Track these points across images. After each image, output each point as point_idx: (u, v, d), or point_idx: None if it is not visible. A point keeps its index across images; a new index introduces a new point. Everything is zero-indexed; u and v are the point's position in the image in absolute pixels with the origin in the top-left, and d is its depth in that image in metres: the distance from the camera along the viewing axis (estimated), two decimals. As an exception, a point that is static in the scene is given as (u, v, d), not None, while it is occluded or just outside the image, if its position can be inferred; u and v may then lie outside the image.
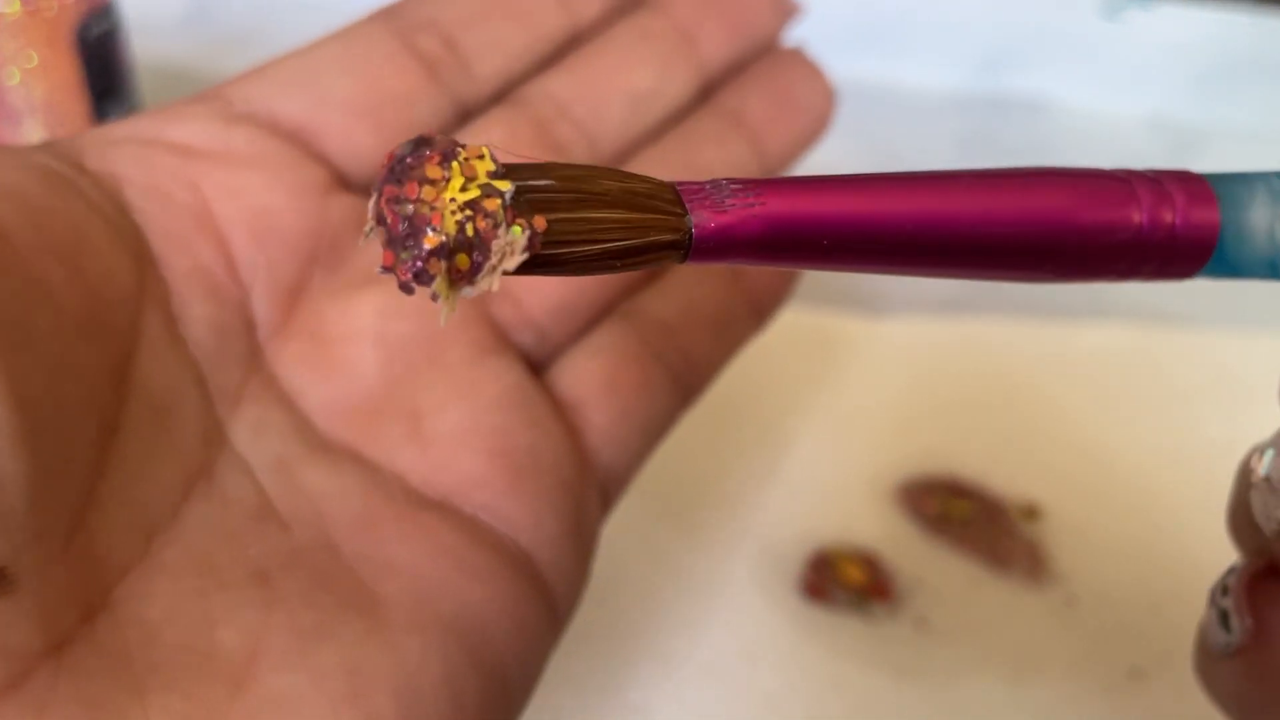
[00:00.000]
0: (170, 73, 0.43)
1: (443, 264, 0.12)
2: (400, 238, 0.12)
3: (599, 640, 0.28)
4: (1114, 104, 0.50)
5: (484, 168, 0.12)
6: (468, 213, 0.12)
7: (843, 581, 0.30)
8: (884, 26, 0.51)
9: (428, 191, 0.12)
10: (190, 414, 0.18)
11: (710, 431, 0.33)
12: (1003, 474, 0.33)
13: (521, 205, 0.12)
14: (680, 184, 0.13)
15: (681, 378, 0.23)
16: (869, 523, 0.31)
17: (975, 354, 0.36)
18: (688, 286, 0.24)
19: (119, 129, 0.19)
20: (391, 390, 0.20)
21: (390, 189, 0.12)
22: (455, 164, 0.12)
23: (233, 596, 0.16)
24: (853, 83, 0.50)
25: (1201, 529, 0.18)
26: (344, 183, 0.21)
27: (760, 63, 0.26)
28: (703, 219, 0.13)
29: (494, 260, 0.12)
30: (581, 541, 0.20)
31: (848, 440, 0.34)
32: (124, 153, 0.19)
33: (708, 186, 0.13)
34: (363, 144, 0.21)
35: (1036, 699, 0.28)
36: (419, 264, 0.12)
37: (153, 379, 0.17)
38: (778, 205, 0.13)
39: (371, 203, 0.12)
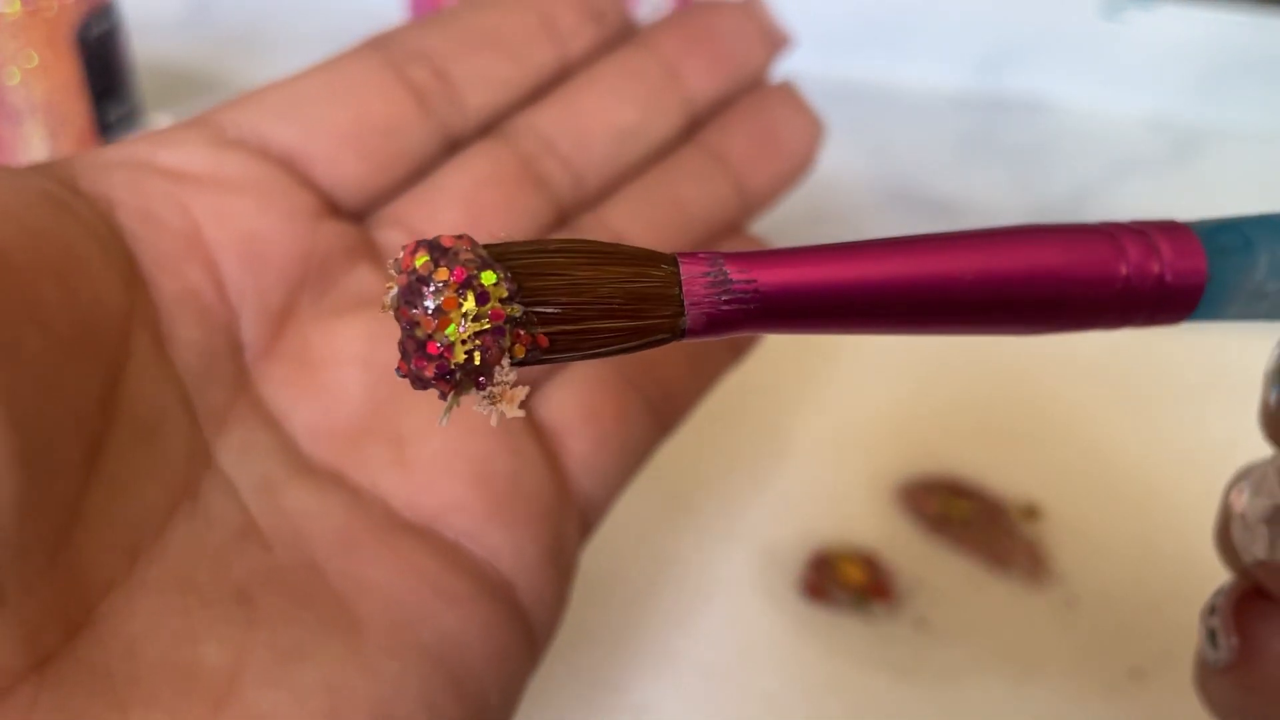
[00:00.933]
0: (170, 73, 0.43)
1: (450, 388, 0.13)
2: (413, 355, 0.13)
3: (600, 640, 0.28)
4: (1114, 104, 0.50)
5: (498, 294, 0.13)
6: (477, 342, 0.13)
7: (843, 581, 0.30)
8: (884, 26, 0.51)
9: (441, 322, 0.13)
10: (176, 434, 0.18)
11: (711, 432, 0.33)
12: (1003, 474, 0.33)
13: (528, 321, 0.13)
14: (684, 265, 0.14)
15: (659, 408, 0.23)
16: (869, 523, 0.31)
17: (975, 354, 0.36)
18: None
19: (112, 152, 0.19)
20: (376, 414, 0.20)
21: (407, 312, 0.13)
22: (470, 293, 0.13)
23: (215, 614, 0.16)
24: (853, 83, 0.51)
25: (1202, 529, 0.18)
26: (333, 209, 0.21)
27: (749, 98, 0.26)
28: (696, 315, 0.14)
29: (495, 389, 0.13)
30: (560, 569, 0.20)
31: (847, 440, 0.34)
32: (117, 176, 0.19)
33: (711, 273, 0.14)
34: (352, 171, 0.21)
35: (1036, 699, 0.28)
36: (430, 384, 0.13)
37: (140, 399, 0.17)
38: (770, 283, 0.14)
39: (390, 301, 0.13)
